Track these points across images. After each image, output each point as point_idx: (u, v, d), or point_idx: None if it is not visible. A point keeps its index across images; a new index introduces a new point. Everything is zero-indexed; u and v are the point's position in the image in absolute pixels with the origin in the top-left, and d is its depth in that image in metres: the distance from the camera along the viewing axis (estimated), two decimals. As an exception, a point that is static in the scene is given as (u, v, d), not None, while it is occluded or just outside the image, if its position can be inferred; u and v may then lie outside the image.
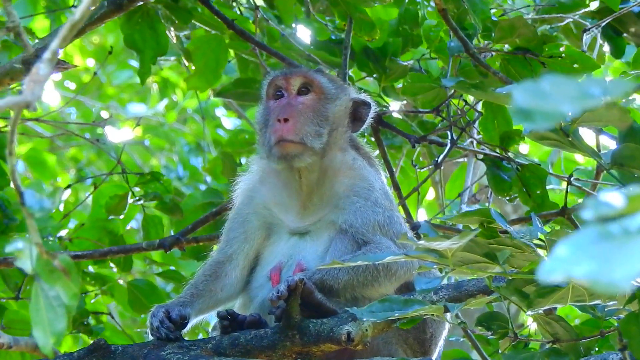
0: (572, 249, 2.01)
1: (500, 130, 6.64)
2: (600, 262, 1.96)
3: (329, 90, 5.52)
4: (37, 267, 2.59)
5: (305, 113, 5.41)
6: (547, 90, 2.03)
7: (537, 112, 1.99)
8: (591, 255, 1.99)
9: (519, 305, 4.19)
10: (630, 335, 3.94)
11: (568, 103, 2.00)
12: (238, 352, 4.93)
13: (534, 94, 2.01)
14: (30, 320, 2.67)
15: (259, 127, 5.59)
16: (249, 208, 5.53)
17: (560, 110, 2.00)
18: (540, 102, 2.00)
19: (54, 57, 2.52)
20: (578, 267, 1.97)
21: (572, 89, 2.03)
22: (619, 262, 1.95)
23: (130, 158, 12.31)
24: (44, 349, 2.49)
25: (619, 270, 1.93)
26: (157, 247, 7.11)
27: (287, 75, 5.52)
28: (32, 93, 2.48)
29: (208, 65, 7.27)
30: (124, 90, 13.58)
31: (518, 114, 2.03)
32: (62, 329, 2.58)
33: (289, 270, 5.25)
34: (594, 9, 6.59)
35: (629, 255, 1.95)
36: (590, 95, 2.02)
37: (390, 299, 4.24)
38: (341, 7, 6.82)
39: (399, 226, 5.32)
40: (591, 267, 1.96)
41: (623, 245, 1.99)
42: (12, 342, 6.53)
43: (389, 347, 5.28)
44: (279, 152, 5.33)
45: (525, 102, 2.00)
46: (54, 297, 2.58)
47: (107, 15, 6.27)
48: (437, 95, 6.63)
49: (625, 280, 1.95)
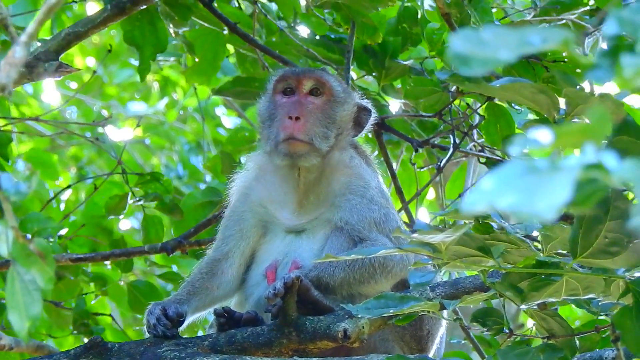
0: (497, 181, 2.02)
1: (503, 133, 6.62)
2: (524, 193, 1.97)
3: (339, 94, 5.54)
4: (13, 251, 2.59)
5: (315, 114, 5.42)
6: (486, 38, 2.03)
7: (474, 58, 1.99)
8: (516, 187, 2.00)
9: (513, 300, 4.17)
10: (624, 328, 3.91)
11: (506, 50, 2.00)
12: (234, 350, 4.93)
13: (473, 41, 2.01)
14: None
15: (262, 121, 5.57)
16: (245, 206, 5.53)
17: (498, 56, 2.00)
18: (479, 49, 2.00)
19: (30, 40, 2.52)
20: (502, 198, 1.98)
21: (511, 38, 2.02)
22: (543, 194, 1.96)
23: (131, 157, 12.33)
24: (20, 333, 2.49)
25: (542, 202, 1.94)
26: (160, 250, 7.11)
27: (300, 75, 5.52)
28: (8, 75, 2.48)
29: (206, 58, 7.29)
30: (125, 89, 13.61)
31: (456, 59, 2.03)
32: (37, 313, 2.57)
33: (285, 268, 5.26)
34: (592, 7, 6.57)
35: (553, 187, 1.96)
36: (529, 43, 2.02)
37: (386, 295, 4.24)
38: (344, 11, 6.83)
39: (395, 224, 5.33)
40: (515, 198, 1.97)
41: (548, 178, 1.99)
42: (13, 344, 6.57)
43: (386, 344, 5.28)
44: (286, 150, 5.33)
45: (464, 48, 2.00)
46: (30, 280, 2.58)
47: (110, 18, 6.27)
48: (439, 99, 6.61)
49: (548, 211, 1.95)
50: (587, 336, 5.13)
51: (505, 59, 2.00)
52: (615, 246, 3.89)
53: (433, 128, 7.15)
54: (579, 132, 1.97)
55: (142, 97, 13.64)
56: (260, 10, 7.24)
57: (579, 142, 1.99)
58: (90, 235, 7.52)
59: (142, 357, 4.95)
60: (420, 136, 7.09)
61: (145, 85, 12.68)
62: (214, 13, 6.87)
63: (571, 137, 1.99)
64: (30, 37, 2.54)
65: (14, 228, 2.52)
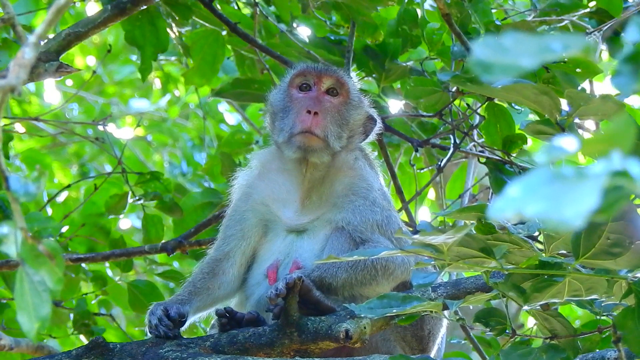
0: (524, 188, 2.02)
1: (503, 134, 6.62)
2: (551, 200, 1.97)
3: (355, 96, 5.56)
4: (22, 252, 2.59)
5: (332, 113, 5.44)
6: (507, 45, 2.03)
7: (496, 65, 2.00)
8: (543, 194, 2.00)
9: (516, 300, 4.17)
10: (626, 329, 3.92)
11: (528, 57, 2.01)
12: (236, 350, 4.93)
13: (494, 48, 2.02)
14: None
15: (275, 112, 5.56)
16: (247, 205, 5.53)
17: (519, 63, 2.00)
18: (500, 56, 2.01)
19: (39, 41, 2.52)
20: (529, 206, 1.98)
21: (532, 44, 2.03)
22: (570, 200, 1.96)
23: (133, 155, 12.31)
24: (29, 333, 2.49)
25: (569, 209, 1.94)
26: (160, 250, 7.12)
27: (321, 72, 5.53)
28: (17, 77, 2.48)
29: (205, 60, 7.29)
30: (126, 86, 13.60)
31: (477, 66, 2.03)
32: (46, 314, 2.57)
33: (286, 268, 5.26)
34: (592, 9, 6.58)
35: (580, 194, 1.96)
36: (550, 50, 2.02)
37: (389, 295, 4.24)
38: (344, 10, 6.83)
39: (397, 226, 5.34)
40: (542, 206, 1.97)
41: (575, 185, 1.99)
42: (13, 344, 6.57)
43: (387, 345, 5.28)
44: (301, 142, 5.34)
45: (485, 55, 2.00)
46: (39, 281, 2.58)
47: (111, 18, 6.28)
48: (439, 99, 6.61)
49: (575, 218, 1.96)
50: (587, 336, 5.14)
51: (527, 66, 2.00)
52: (618, 247, 3.90)
53: (433, 130, 7.16)
54: (604, 140, 1.98)
55: (143, 93, 13.63)
56: (261, 11, 7.24)
57: (604, 150, 2.00)
58: (90, 235, 7.51)
59: (143, 358, 4.96)
60: (421, 138, 7.09)
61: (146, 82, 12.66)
62: (214, 13, 6.88)
63: (597, 145, 1.99)
64: (39, 38, 2.55)
65: (22, 229, 2.53)
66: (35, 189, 2.60)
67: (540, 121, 4.43)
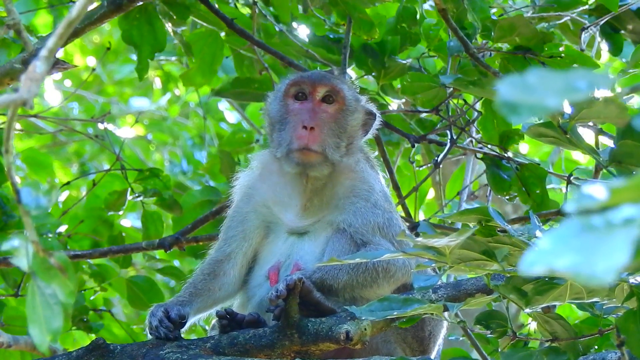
0: (554, 241, 2.01)
1: (500, 129, 6.64)
2: (582, 254, 1.96)
3: (351, 102, 5.50)
4: (34, 265, 2.59)
5: (329, 124, 5.40)
6: (532, 84, 2.03)
7: (523, 106, 1.99)
8: (573, 247, 1.99)
9: (517, 303, 4.18)
10: (628, 332, 3.94)
11: (554, 96, 2.00)
12: (237, 352, 4.93)
13: (520, 88, 2.01)
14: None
15: (272, 123, 5.51)
16: (248, 206, 5.52)
17: (546, 103, 2.00)
18: (526, 96, 2.00)
19: (50, 54, 2.51)
20: (560, 259, 1.97)
21: (558, 83, 2.02)
22: (601, 254, 1.95)
23: (133, 153, 12.30)
24: (41, 347, 2.49)
25: (601, 263, 1.93)
26: (157, 247, 7.11)
27: (315, 82, 5.46)
28: (29, 91, 2.48)
29: (204, 61, 7.27)
30: (126, 84, 13.59)
31: (504, 107, 2.03)
32: (58, 327, 2.57)
33: (287, 269, 5.26)
34: (592, 6, 6.59)
35: (611, 248, 1.95)
36: (576, 89, 2.02)
37: (390, 297, 4.25)
38: (340, 6, 6.82)
39: (398, 228, 5.33)
40: (573, 259, 1.96)
41: (605, 237, 1.98)
42: (11, 341, 6.57)
43: (388, 346, 5.29)
44: (299, 159, 5.31)
45: (511, 95, 2.00)
46: (51, 294, 2.58)
47: (107, 15, 6.26)
48: (436, 95, 6.61)
49: (607, 273, 1.95)
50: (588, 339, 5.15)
51: (553, 106, 2.00)
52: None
53: (432, 127, 7.16)
54: (634, 187, 1.97)
55: (143, 93, 13.61)
56: (260, 11, 7.22)
57: (634, 197, 1.99)
58: (92, 229, 7.49)
59: (144, 359, 4.95)
60: (419, 134, 7.09)
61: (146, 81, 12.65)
62: (211, 9, 6.85)
63: (627, 193, 1.98)
64: (50, 52, 2.54)
65: (34, 242, 2.52)
66: (46, 202, 2.60)
67: (542, 124, 4.44)
